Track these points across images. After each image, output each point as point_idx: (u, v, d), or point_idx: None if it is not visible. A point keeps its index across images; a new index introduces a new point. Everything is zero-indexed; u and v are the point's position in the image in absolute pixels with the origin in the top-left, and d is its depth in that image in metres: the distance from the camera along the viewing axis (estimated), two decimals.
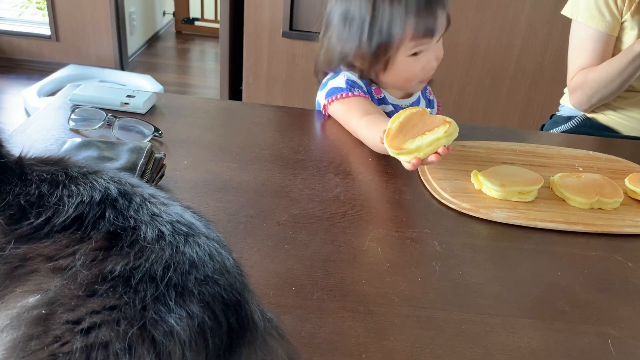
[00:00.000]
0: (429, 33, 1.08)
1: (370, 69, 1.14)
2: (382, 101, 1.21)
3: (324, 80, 1.21)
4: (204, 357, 0.46)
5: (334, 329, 0.64)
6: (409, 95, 1.25)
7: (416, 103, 1.27)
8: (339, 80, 1.16)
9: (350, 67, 1.17)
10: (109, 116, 1.00)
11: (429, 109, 1.25)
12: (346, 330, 0.64)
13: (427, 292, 0.72)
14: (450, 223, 0.87)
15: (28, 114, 3.09)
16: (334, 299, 0.69)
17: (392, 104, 1.22)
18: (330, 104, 1.15)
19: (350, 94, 1.13)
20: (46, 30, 3.77)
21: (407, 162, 0.88)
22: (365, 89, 1.17)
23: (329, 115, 1.19)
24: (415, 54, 1.10)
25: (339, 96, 1.13)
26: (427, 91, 1.33)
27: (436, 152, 0.86)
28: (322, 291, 0.69)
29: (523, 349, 0.65)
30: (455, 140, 1.05)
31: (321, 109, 1.20)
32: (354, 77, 1.17)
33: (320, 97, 1.19)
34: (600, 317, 0.70)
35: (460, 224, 0.87)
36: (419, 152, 0.85)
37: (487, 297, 0.72)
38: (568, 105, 1.57)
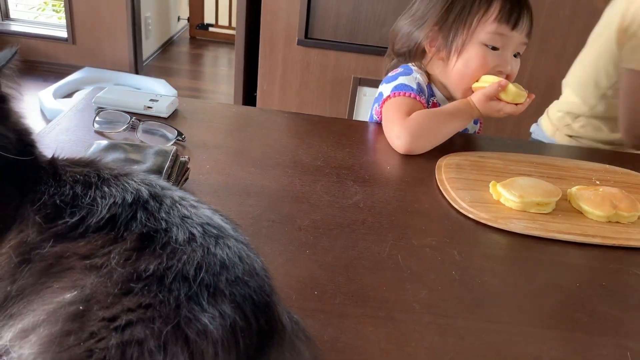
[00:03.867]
0: (512, 20, 1.11)
1: (445, 55, 1.17)
2: None
3: (392, 74, 1.23)
4: (235, 357, 0.47)
5: (356, 333, 0.65)
6: None
7: None
8: (411, 79, 1.19)
9: (422, 56, 1.21)
10: (133, 119, 1.01)
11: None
12: (368, 335, 0.65)
13: (447, 300, 0.72)
14: (469, 233, 0.88)
15: (44, 115, 3.12)
16: (355, 304, 0.69)
17: None
18: (394, 96, 1.17)
19: (417, 97, 1.16)
20: (63, 33, 3.82)
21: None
22: (427, 100, 1.20)
23: (381, 111, 1.21)
24: (491, 48, 1.13)
25: (407, 93, 1.16)
26: None
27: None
28: (344, 296, 0.70)
29: (542, 359, 0.65)
30: (472, 150, 1.08)
31: (380, 102, 1.21)
32: (423, 81, 1.20)
33: (386, 89, 1.20)
34: (619, 330, 0.71)
35: (478, 233, 0.88)
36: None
37: (507, 307, 0.73)
38: (544, 128, 1.57)
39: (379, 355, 0.63)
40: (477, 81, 1.15)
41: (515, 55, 1.17)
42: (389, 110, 1.16)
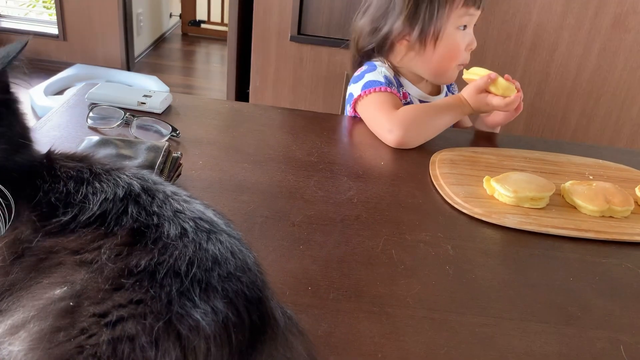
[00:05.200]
0: (478, 1, 1.15)
1: (417, 46, 1.17)
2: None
3: (357, 74, 1.23)
4: (228, 353, 0.46)
5: (350, 329, 0.65)
6: (438, 92, 1.30)
7: None
8: (377, 74, 1.19)
9: (391, 52, 1.21)
10: (127, 115, 1.01)
11: None
12: (362, 330, 0.65)
13: (441, 294, 0.72)
14: (462, 227, 0.88)
15: (34, 112, 3.10)
16: (349, 299, 0.69)
17: (422, 102, 1.26)
18: (366, 95, 1.16)
19: (388, 89, 1.16)
20: (54, 30, 3.79)
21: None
22: (397, 90, 1.20)
23: (354, 112, 1.20)
24: (462, 28, 1.17)
25: (377, 89, 1.16)
26: (452, 87, 1.37)
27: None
28: (338, 291, 0.70)
29: (536, 353, 0.65)
30: (466, 146, 1.08)
31: (352, 103, 1.21)
32: (389, 73, 1.20)
33: (355, 89, 1.20)
34: (612, 323, 0.71)
35: (472, 228, 0.88)
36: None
37: (500, 301, 0.73)
38: None
39: (372, 350, 0.62)
40: (466, 69, 1.18)
41: None
42: (369, 108, 1.16)
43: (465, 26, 1.18)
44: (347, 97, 1.25)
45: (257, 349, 0.49)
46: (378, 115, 1.12)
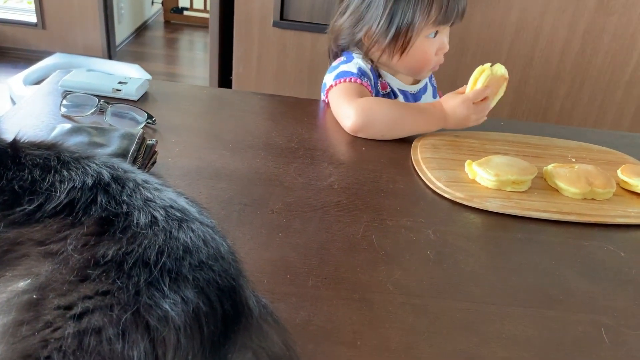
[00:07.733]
0: (450, 18, 1.12)
1: (387, 51, 1.16)
2: (388, 97, 1.21)
3: (335, 64, 1.22)
4: (199, 343, 0.45)
5: (329, 316, 0.64)
6: (417, 81, 1.28)
7: (424, 90, 1.29)
8: (351, 65, 1.18)
9: (366, 49, 1.19)
10: (101, 102, 0.98)
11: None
12: (341, 317, 0.64)
13: (422, 280, 0.71)
14: (444, 212, 0.87)
15: (14, 102, 3.04)
16: (328, 286, 0.68)
17: (402, 91, 1.24)
18: (337, 85, 1.15)
19: (358, 80, 1.14)
20: (32, 18, 3.71)
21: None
22: (372, 82, 1.18)
23: (327, 103, 1.18)
24: (432, 35, 1.15)
25: (348, 79, 1.14)
26: (432, 78, 1.36)
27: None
28: (317, 279, 0.69)
29: (518, 337, 0.64)
30: (448, 130, 1.05)
31: (325, 92, 1.19)
32: (365, 65, 1.18)
33: (328, 79, 1.19)
34: (594, 306, 0.71)
35: (454, 213, 0.87)
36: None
37: (482, 286, 0.72)
38: None
39: (352, 338, 0.61)
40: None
41: None
42: (335, 97, 1.14)
43: (436, 32, 1.15)
44: (322, 86, 1.24)
45: (230, 339, 0.48)
46: (340, 102, 1.10)
